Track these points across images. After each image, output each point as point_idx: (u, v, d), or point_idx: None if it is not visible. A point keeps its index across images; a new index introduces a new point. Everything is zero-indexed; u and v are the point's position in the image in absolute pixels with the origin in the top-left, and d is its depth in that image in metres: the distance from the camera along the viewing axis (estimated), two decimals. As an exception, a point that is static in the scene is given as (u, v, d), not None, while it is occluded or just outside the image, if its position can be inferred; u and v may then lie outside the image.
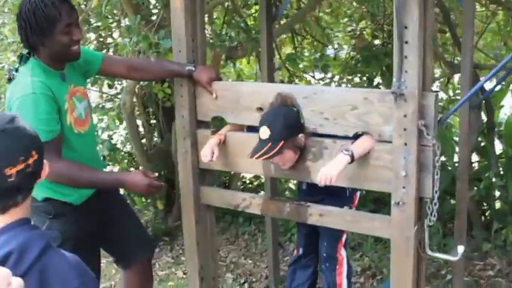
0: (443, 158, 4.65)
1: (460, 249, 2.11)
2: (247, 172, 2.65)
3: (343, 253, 2.86)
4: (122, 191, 3.09)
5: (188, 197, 2.77)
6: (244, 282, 3.87)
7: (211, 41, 3.58)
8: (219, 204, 2.76)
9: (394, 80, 1.98)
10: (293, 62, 4.23)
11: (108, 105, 4.54)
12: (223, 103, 2.57)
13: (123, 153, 4.70)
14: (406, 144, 2.02)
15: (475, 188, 4.11)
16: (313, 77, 5.05)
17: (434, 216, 2.11)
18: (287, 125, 2.25)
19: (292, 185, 4.99)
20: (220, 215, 5.05)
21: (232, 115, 2.55)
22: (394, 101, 2.00)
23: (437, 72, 4.70)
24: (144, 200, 4.92)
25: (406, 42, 1.94)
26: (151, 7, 3.67)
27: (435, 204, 2.09)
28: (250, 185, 5.84)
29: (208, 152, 2.47)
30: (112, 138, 4.69)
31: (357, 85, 4.50)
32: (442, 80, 4.76)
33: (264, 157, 2.27)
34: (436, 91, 2.03)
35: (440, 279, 3.61)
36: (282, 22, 4.07)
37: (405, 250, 2.11)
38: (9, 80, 2.25)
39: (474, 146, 3.96)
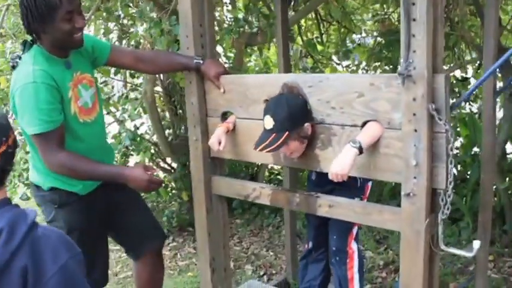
0: (476, 149, 4.40)
1: (476, 244, 1.91)
2: (257, 161, 2.54)
3: (353, 246, 2.69)
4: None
5: (199, 186, 2.67)
6: (263, 274, 3.76)
7: (229, 26, 3.45)
8: (230, 195, 2.65)
9: (401, 60, 1.80)
10: (313, 47, 4.04)
11: (133, 95, 4.48)
12: (231, 97, 2.46)
13: (148, 143, 4.61)
14: (416, 130, 1.84)
15: (507, 179, 3.84)
16: (339, 64, 4.84)
17: (448, 209, 1.91)
18: (291, 114, 2.11)
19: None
20: (247, 207, 4.97)
21: (241, 109, 2.43)
22: (402, 83, 1.82)
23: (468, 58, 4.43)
24: (169, 191, 4.87)
25: (414, 20, 1.75)
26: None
27: (449, 196, 1.89)
28: (278, 176, 5.72)
29: (215, 141, 2.37)
30: (138, 128, 4.64)
31: (383, 72, 4.29)
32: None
33: (268, 149, 2.13)
34: (447, 72, 1.83)
35: (468, 275, 3.38)
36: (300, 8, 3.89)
37: (416, 245, 1.93)
38: (13, 67, 2.19)
39: (508, 135, 3.69)
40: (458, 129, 4.52)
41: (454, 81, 4.26)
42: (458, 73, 4.57)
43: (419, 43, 1.76)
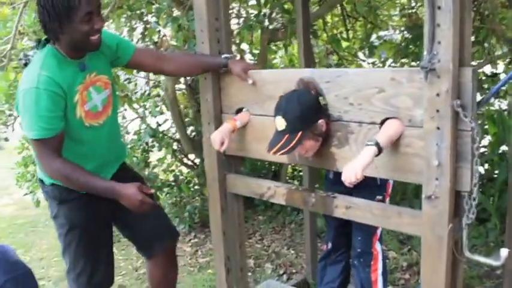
0: (504, 147, 4.16)
1: (504, 252, 1.72)
2: (271, 159, 2.37)
3: (378, 247, 2.52)
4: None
5: (213, 184, 2.55)
6: (283, 273, 3.62)
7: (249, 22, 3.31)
8: (245, 193, 2.51)
9: (425, 52, 1.63)
10: (337, 43, 3.87)
11: (155, 92, 4.39)
12: (247, 93, 2.32)
13: (170, 139, 4.53)
14: (438, 128, 1.66)
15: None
16: (364, 60, 4.65)
17: (473, 213, 1.73)
18: (303, 113, 1.96)
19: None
20: (269, 204, 4.82)
21: (257, 106, 2.29)
22: (424, 77, 1.65)
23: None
24: (192, 186, 4.77)
25: (439, 8, 1.57)
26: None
27: (474, 199, 1.71)
28: (301, 173, 5.55)
29: (218, 140, 2.23)
30: (160, 125, 4.55)
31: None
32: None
33: (282, 152, 1.99)
34: (474, 66, 1.65)
35: (495, 279, 3.17)
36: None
37: (437, 251, 1.76)
38: (25, 65, 2.10)
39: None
40: (486, 126, 4.29)
41: (484, 77, 4.02)
42: (488, 69, 4.32)
43: (444, 33, 1.59)
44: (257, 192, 2.41)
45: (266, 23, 3.37)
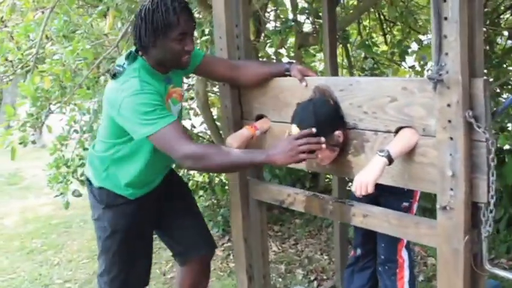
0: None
1: (525, 266, 1.74)
2: (290, 165, 2.43)
3: (404, 255, 2.54)
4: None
5: (234, 190, 2.64)
6: (314, 279, 3.68)
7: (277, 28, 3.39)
8: (266, 199, 2.59)
9: (433, 63, 1.66)
10: (367, 48, 3.88)
11: (187, 95, 4.53)
12: (265, 100, 2.41)
13: (204, 140, 4.66)
14: (451, 138, 1.70)
15: None
16: (399, 65, 4.63)
17: (490, 225, 1.75)
18: (319, 125, 2.00)
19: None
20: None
21: (274, 112, 2.38)
22: (433, 88, 1.68)
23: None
24: (227, 189, 4.88)
25: (445, 19, 1.61)
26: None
27: (491, 211, 1.74)
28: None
29: (234, 142, 2.29)
30: (194, 127, 4.70)
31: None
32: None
33: None
34: (486, 78, 1.67)
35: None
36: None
37: (454, 264, 1.79)
38: (114, 75, 2.15)
39: None
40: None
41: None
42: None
43: (451, 45, 1.62)
44: (278, 199, 2.48)
45: (296, 27, 3.42)
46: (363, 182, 1.82)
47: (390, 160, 1.81)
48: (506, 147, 4.25)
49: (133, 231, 2.36)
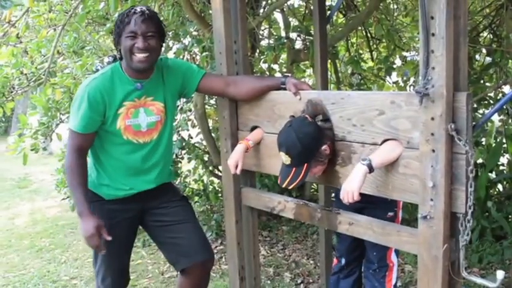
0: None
1: (500, 275, 1.66)
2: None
3: (393, 259, 2.46)
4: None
5: (229, 197, 2.57)
6: (300, 283, 3.58)
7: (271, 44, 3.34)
8: (257, 206, 2.51)
9: (420, 78, 1.60)
10: (356, 64, 3.84)
11: (186, 106, 4.45)
12: (260, 112, 2.35)
13: (200, 151, 4.59)
14: (433, 151, 1.63)
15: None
16: (384, 80, 4.59)
17: (468, 234, 1.68)
18: (305, 147, 1.94)
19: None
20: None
21: (269, 124, 2.32)
22: (419, 102, 1.62)
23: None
24: (219, 196, 4.81)
25: (433, 35, 1.55)
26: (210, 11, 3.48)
27: (468, 221, 1.67)
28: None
29: (233, 163, 2.27)
30: (191, 137, 4.62)
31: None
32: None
33: (293, 184, 2.00)
34: (469, 92, 1.61)
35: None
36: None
37: (433, 271, 1.72)
38: (96, 71, 2.33)
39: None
40: (505, 145, 4.15)
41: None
42: (507, 89, 4.20)
43: (438, 59, 1.56)
44: (268, 206, 2.41)
45: (288, 44, 3.37)
46: (348, 191, 1.76)
47: (371, 168, 1.75)
48: (479, 161, 4.21)
49: (108, 229, 2.20)
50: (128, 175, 2.30)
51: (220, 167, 4.85)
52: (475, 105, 4.02)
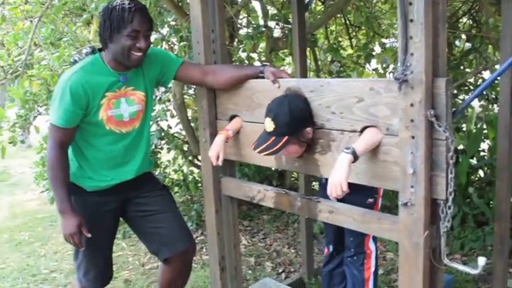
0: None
1: (481, 261, 1.64)
2: (260, 163, 2.33)
3: (371, 246, 2.44)
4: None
5: (209, 187, 2.52)
6: (282, 272, 3.56)
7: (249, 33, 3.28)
8: (237, 196, 2.47)
9: (399, 64, 1.57)
10: (335, 52, 3.80)
11: (165, 97, 4.38)
12: (238, 101, 2.30)
13: (179, 141, 4.52)
14: (413, 137, 1.60)
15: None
16: (364, 67, 4.57)
17: (449, 221, 1.67)
18: (293, 119, 1.91)
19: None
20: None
21: (247, 113, 2.27)
22: (398, 88, 1.59)
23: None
24: (199, 186, 4.75)
25: (411, 21, 1.51)
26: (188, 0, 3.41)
27: (449, 207, 1.65)
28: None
29: (214, 155, 2.22)
30: (170, 127, 4.54)
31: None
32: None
33: (266, 152, 1.95)
34: (448, 78, 1.58)
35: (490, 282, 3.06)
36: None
37: (414, 258, 1.69)
38: (74, 62, 2.23)
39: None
40: (485, 131, 4.16)
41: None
42: (487, 74, 4.21)
43: (416, 45, 1.52)
44: (248, 195, 2.37)
45: (267, 33, 3.32)
46: (336, 182, 1.70)
47: (355, 157, 1.71)
48: (460, 147, 4.22)
49: (91, 222, 2.19)
50: (110, 166, 2.25)
51: (199, 157, 4.82)
52: (455, 91, 4.01)
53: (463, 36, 4.20)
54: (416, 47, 1.52)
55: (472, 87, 4.09)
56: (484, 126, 4.24)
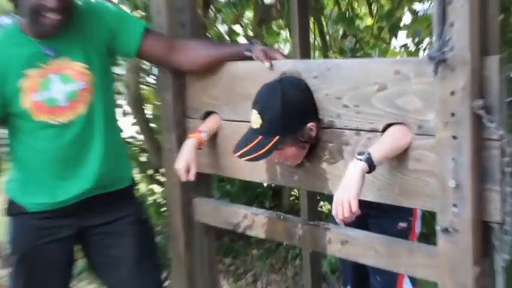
0: None
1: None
2: (247, 178, 2.35)
3: (406, 286, 2.49)
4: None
5: (175, 212, 2.58)
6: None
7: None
8: (216, 223, 2.53)
9: (434, 39, 1.59)
10: (348, 22, 3.86)
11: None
12: (215, 92, 2.36)
13: (136, 149, 4.55)
14: (455, 137, 1.63)
15: None
16: (388, 43, 4.62)
17: (506, 251, 1.69)
18: (286, 113, 1.93)
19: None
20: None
21: (228, 108, 2.32)
22: (434, 71, 1.61)
23: None
24: (163, 211, 4.77)
25: (451, -22, 1.55)
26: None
27: (506, 232, 1.66)
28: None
29: (183, 168, 2.24)
30: (122, 131, 4.54)
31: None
32: None
33: (249, 157, 1.97)
34: (502, 55, 1.61)
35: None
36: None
37: (460, 304, 1.72)
38: None
39: None
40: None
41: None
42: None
43: (458, 12, 1.55)
44: (231, 222, 2.42)
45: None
46: (343, 200, 1.71)
47: (371, 166, 1.72)
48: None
49: (34, 254, 2.23)
50: (55, 173, 2.25)
51: (162, 170, 4.83)
52: (512, 75, 4.05)
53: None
54: (458, 14, 1.55)
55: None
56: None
